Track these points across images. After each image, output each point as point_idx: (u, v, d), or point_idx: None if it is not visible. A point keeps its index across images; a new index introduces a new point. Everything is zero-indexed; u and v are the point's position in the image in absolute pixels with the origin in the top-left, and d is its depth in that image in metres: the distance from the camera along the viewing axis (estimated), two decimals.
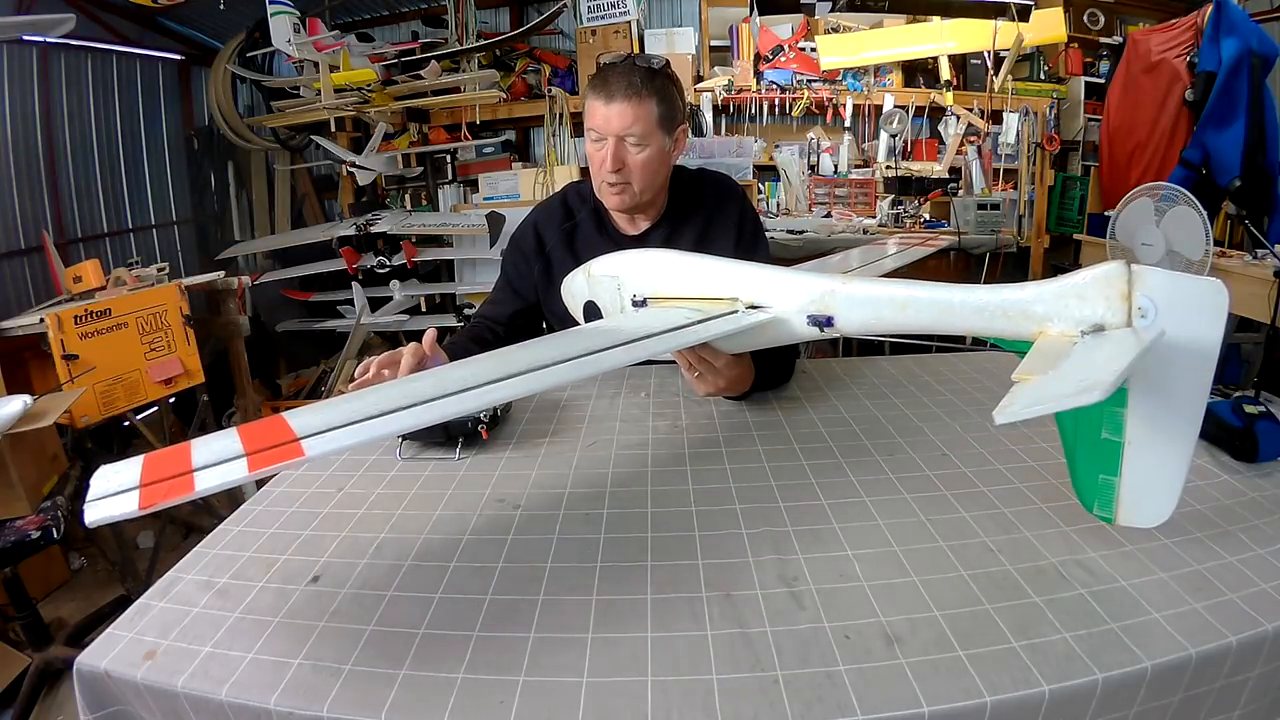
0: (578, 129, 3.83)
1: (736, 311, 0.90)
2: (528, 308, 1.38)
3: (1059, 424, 0.73)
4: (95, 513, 0.52)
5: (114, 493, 0.54)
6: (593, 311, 1.11)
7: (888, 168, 3.72)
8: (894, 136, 3.74)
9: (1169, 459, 0.65)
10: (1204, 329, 0.60)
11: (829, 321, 0.83)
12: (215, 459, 0.56)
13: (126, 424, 2.45)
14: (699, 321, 0.89)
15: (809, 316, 0.84)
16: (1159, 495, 0.67)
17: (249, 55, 3.76)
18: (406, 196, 4.00)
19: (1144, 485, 0.67)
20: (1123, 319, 0.62)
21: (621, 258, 1.05)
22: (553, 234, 1.34)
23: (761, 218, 1.43)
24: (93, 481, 0.56)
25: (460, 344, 1.26)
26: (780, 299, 0.87)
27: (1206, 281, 0.59)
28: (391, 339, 3.83)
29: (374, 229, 3.45)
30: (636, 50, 3.67)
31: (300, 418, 0.63)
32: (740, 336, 0.94)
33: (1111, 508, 0.69)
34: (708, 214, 1.32)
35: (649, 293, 0.99)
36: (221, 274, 2.86)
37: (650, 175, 1.22)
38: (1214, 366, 0.60)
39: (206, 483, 0.54)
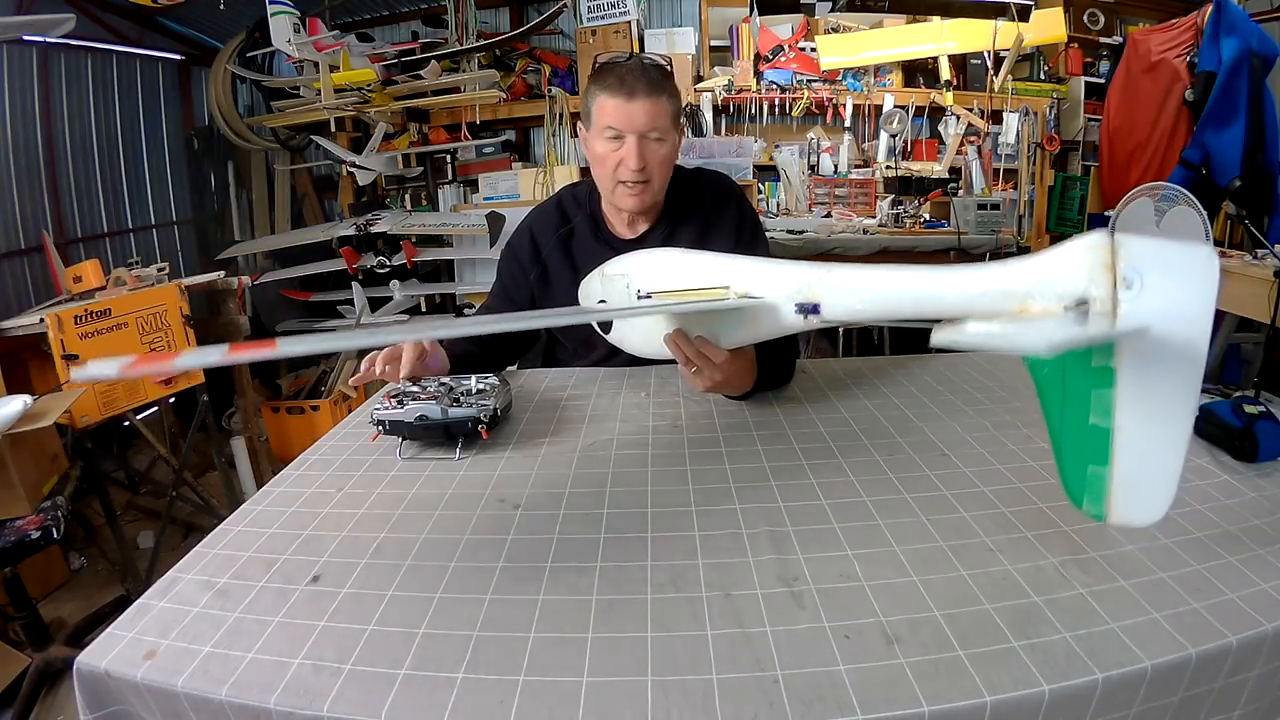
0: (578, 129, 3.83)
1: (725, 299, 0.91)
2: (515, 308, 1.37)
3: (1045, 410, 0.69)
4: (83, 371, 0.57)
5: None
6: None
7: (888, 168, 3.72)
8: (894, 136, 3.74)
9: (1163, 446, 0.60)
10: (1195, 300, 0.55)
11: (815, 309, 0.83)
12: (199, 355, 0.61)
13: (126, 424, 2.45)
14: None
15: (796, 305, 0.85)
16: (1154, 488, 0.62)
17: (249, 55, 3.76)
18: (406, 196, 4.00)
19: (1137, 477, 0.62)
20: (1107, 291, 0.57)
21: (632, 258, 1.07)
22: (549, 240, 1.34)
23: (761, 218, 1.44)
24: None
25: (460, 343, 1.26)
26: (769, 287, 0.88)
27: (1195, 249, 0.55)
28: None
29: (374, 229, 3.45)
30: (637, 50, 3.68)
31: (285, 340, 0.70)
32: (732, 328, 0.94)
33: (1102, 503, 0.64)
34: (706, 214, 1.31)
35: (652, 288, 1.01)
36: (221, 274, 2.86)
37: (667, 172, 1.23)
38: (1208, 341, 0.56)
39: (185, 363, 0.59)
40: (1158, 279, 0.55)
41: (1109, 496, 0.64)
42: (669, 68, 1.26)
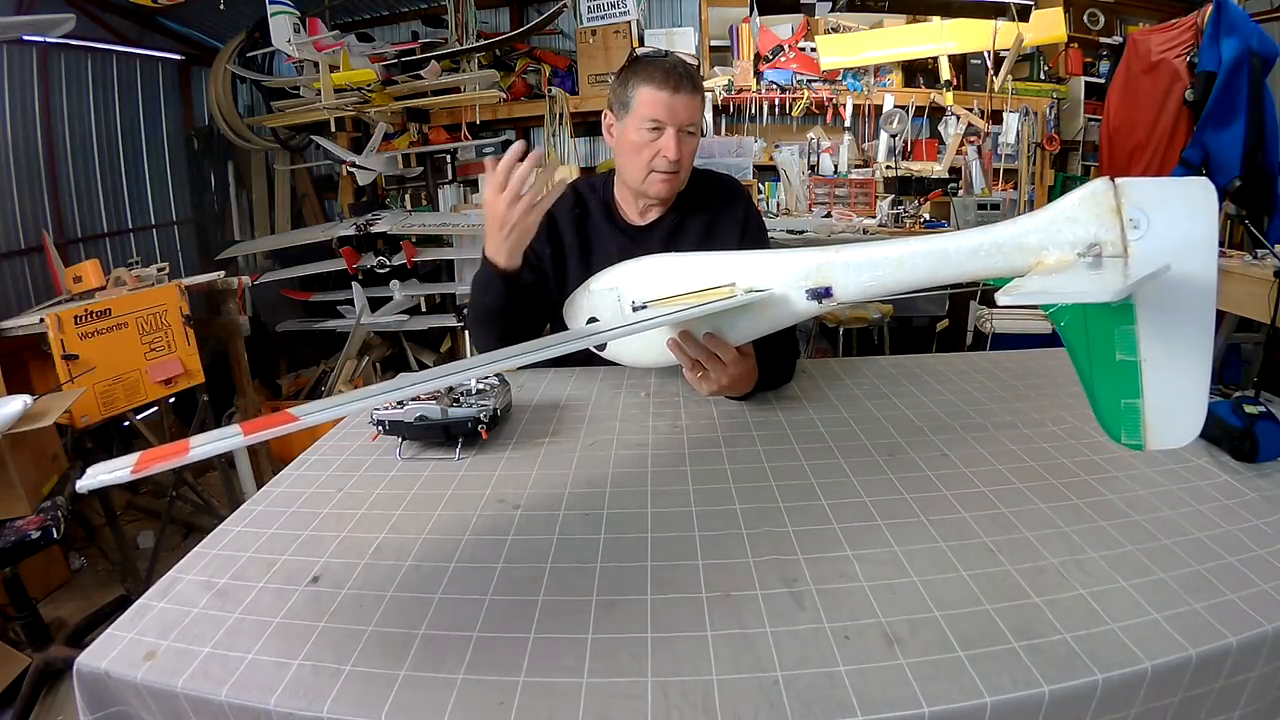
0: (578, 129, 3.84)
1: (734, 296, 0.90)
2: (529, 268, 1.32)
3: (1072, 353, 0.70)
4: (89, 480, 0.52)
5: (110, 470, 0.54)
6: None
7: (888, 168, 3.72)
8: (894, 136, 3.74)
9: (1189, 371, 0.63)
10: (1198, 228, 0.60)
11: (828, 292, 0.84)
12: (212, 438, 0.59)
13: (126, 424, 2.45)
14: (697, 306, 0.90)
15: (807, 291, 0.85)
16: (1185, 411, 0.64)
17: (249, 55, 3.76)
18: (406, 196, 4.01)
19: (1168, 403, 0.64)
20: (1116, 234, 0.61)
21: (619, 270, 1.06)
22: (564, 217, 1.36)
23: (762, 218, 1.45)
24: (88, 470, 0.55)
25: (502, 303, 1.25)
26: (777, 278, 0.88)
27: (1191, 182, 0.60)
28: (392, 339, 3.84)
29: (374, 229, 3.46)
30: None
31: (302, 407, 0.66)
32: (743, 322, 0.94)
33: (1139, 433, 0.66)
34: (714, 212, 1.34)
35: (649, 297, 1.00)
36: (221, 274, 2.86)
37: (692, 164, 1.30)
38: (1215, 264, 0.60)
39: (201, 453, 0.55)
40: (1161, 215, 0.59)
41: (1144, 426, 0.66)
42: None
